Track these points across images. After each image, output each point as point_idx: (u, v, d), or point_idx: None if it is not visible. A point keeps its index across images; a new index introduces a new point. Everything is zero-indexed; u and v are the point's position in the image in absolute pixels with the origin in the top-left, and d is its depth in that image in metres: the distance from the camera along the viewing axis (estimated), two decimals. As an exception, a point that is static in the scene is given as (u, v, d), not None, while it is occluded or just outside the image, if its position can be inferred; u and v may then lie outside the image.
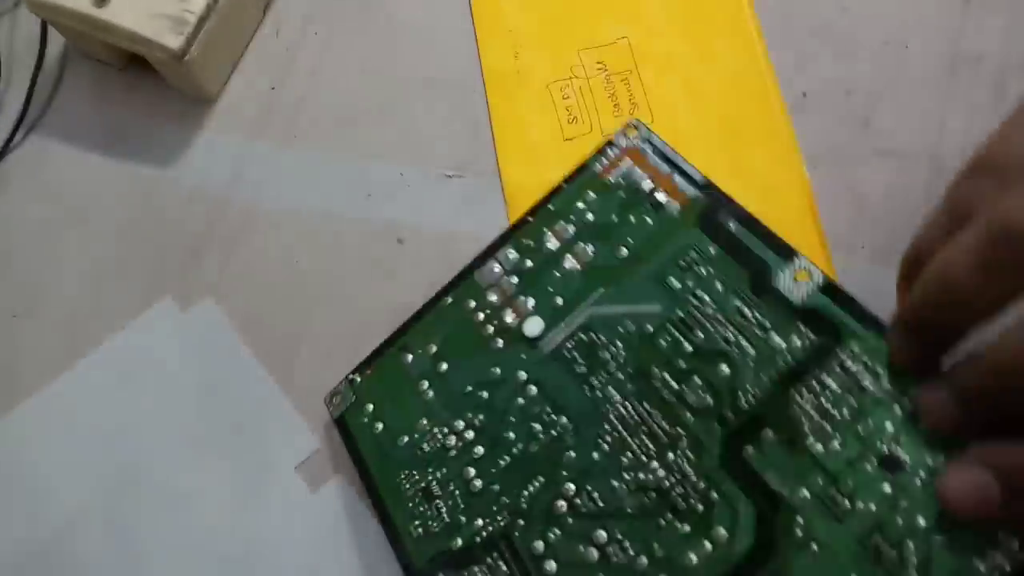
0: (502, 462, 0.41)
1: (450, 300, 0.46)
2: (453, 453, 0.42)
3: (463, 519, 0.41)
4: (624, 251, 0.41)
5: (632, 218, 0.41)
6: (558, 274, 0.43)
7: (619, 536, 0.37)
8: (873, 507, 0.30)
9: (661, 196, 0.41)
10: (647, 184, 0.42)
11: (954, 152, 0.54)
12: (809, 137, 0.53)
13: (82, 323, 0.53)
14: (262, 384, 0.51)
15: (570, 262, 0.43)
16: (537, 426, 0.40)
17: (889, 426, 0.32)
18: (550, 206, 0.45)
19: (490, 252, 0.46)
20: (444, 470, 0.42)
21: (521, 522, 0.39)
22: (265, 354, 0.52)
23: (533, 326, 0.43)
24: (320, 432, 0.50)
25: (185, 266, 0.54)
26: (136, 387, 0.52)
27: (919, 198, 0.53)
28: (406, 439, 0.44)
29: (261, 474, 0.50)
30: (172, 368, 0.52)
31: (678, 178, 0.41)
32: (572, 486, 0.38)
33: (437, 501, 0.42)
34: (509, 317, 0.43)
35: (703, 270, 0.39)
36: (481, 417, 0.42)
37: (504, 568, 0.39)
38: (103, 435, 0.51)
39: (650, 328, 0.39)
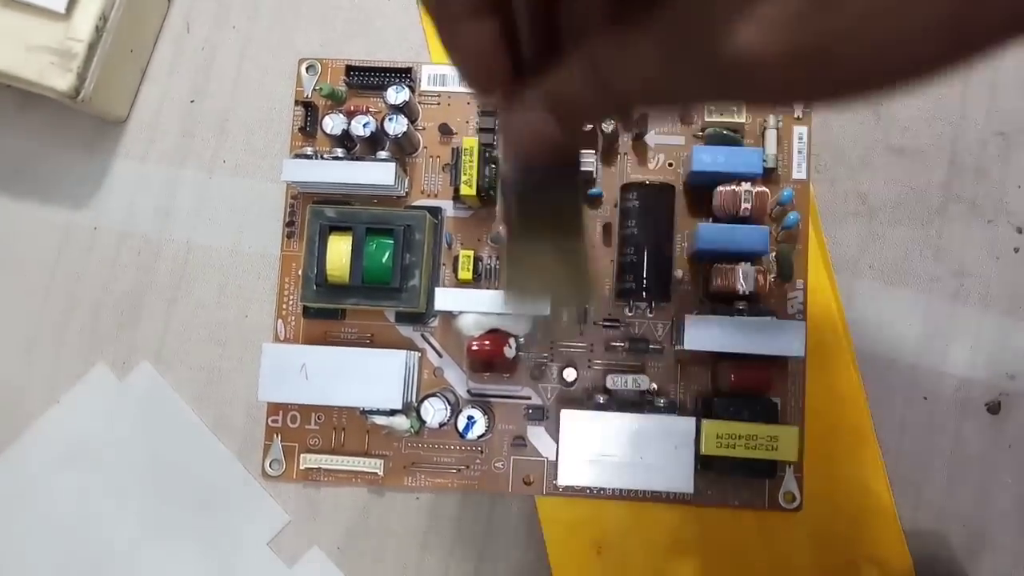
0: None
1: None
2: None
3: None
4: None
5: None
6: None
7: None
8: None
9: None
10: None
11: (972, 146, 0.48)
12: (814, 134, 0.47)
13: (11, 398, 0.48)
14: (218, 456, 0.47)
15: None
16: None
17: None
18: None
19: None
20: None
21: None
22: (217, 423, 0.48)
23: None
24: (288, 503, 0.47)
25: (119, 326, 0.48)
26: (81, 467, 0.48)
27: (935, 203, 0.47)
28: None
29: (232, 554, 0.47)
30: (117, 443, 0.48)
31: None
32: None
33: None
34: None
35: None
36: None
37: None
38: (53, 523, 0.47)
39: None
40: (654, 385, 0.44)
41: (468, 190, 0.43)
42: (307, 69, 0.48)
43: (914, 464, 0.46)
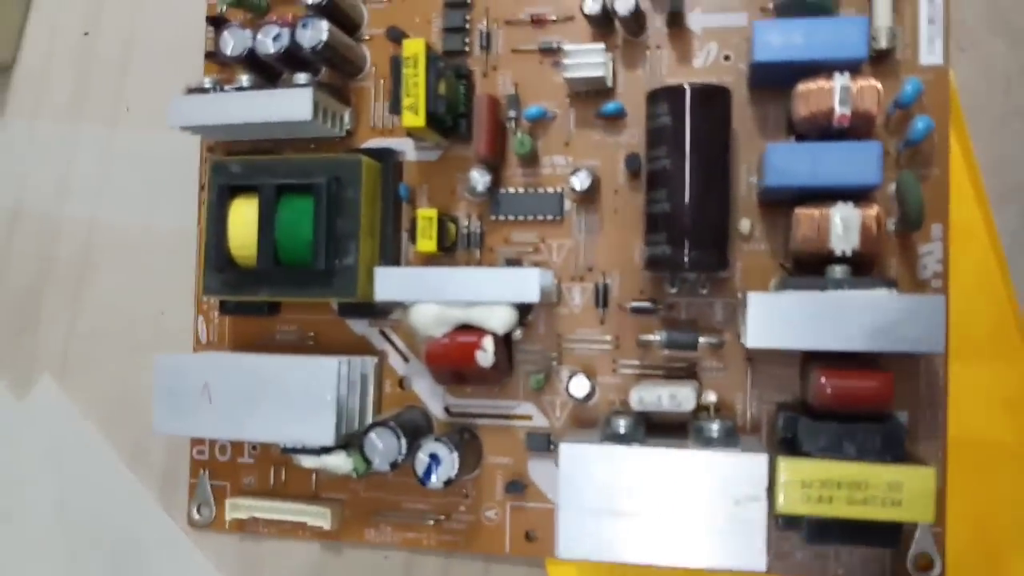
0: None
1: None
2: None
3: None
4: None
5: None
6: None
7: None
8: None
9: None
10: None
11: None
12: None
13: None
14: (136, 498, 0.37)
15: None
16: None
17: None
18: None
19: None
20: None
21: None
22: (134, 455, 0.37)
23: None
24: (223, 560, 0.35)
25: (18, 330, 0.38)
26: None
27: None
28: None
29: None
30: (22, 485, 0.38)
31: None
32: None
33: None
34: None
35: None
36: None
37: None
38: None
39: None
40: (712, 398, 0.29)
41: (413, 118, 0.29)
42: (218, -28, 0.35)
43: None
